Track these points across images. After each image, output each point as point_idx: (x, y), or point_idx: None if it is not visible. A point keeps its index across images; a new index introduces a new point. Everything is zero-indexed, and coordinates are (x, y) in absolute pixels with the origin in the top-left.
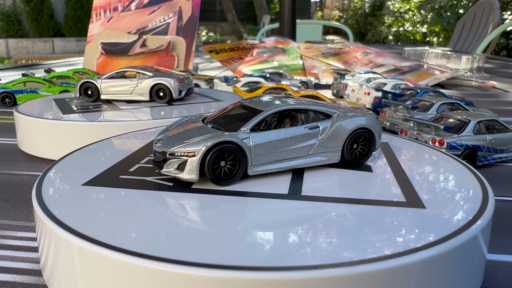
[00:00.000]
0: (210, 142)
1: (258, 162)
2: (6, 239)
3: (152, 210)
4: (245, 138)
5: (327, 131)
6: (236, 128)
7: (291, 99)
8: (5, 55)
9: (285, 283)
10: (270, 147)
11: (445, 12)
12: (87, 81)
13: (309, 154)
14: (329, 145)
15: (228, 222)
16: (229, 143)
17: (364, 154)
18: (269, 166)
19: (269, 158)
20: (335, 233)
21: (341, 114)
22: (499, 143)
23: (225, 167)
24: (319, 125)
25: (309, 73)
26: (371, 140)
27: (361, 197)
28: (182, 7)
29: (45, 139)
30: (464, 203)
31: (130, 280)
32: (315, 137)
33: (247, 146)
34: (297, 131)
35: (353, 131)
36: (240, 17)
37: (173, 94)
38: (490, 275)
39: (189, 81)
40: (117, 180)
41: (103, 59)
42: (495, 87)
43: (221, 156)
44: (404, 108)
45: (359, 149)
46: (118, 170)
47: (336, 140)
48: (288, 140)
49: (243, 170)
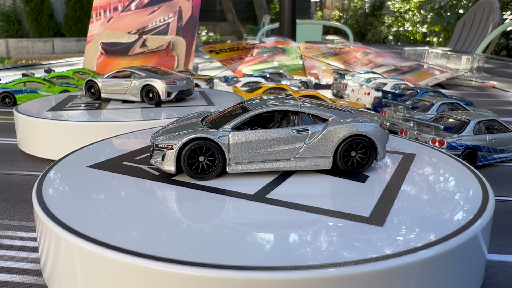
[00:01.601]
0: (186, 137)
1: (237, 160)
2: (6, 239)
3: (153, 210)
4: (223, 136)
5: (316, 135)
6: (219, 126)
7: (291, 101)
8: (5, 55)
9: (285, 283)
10: (251, 146)
11: (445, 12)
12: (91, 79)
13: (294, 158)
14: (318, 150)
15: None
16: (205, 139)
17: (363, 163)
18: (248, 166)
19: (249, 157)
20: (252, 238)
21: (336, 119)
22: (499, 143)
23: (203, 162)
24: (308, 128)
25: (309, 73)
26: (370, 149)
27: (322, 206)
28: (182, 7)
29: (45, 139)
30: (464, 203)
31: (130, 280)
32: (302, 140)
33: (224, 143)
34: (282, 133)
35: (347, 138)
36: (240, 17)
37: (161, 96)
38: (490, 275)
39: (188, 82)
40: (120, 166)
41: (103, 59)
42: (495, 87)
43: (198, 151)
44: (404, 108)
45: (357, 158)
46: (121, 159)
47: (326, 146)
48: (270, 141)
49: (220, 167)
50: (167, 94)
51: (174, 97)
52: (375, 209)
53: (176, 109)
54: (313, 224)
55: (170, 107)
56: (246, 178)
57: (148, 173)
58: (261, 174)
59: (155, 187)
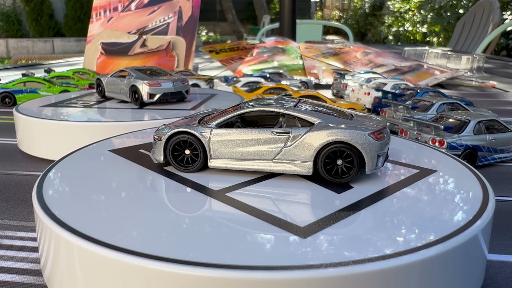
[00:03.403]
0: (172, 130)
1: (218, 156)
2: (6, 239)
3: (153, 210)
4: (205, 131)
5: (297, 139)
6: (207, 123)
7: (288, 102)
8: (5, 55)
9: (285, 283)
10: (230, 144)
11: (445, 12)
12: (99, 78)
13: (273, 160)
14: (298, 155)
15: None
16: (188, 134)
17: (349, 174)
18: (228, 162)
19: (228, 154)
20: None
21: (322, 123)
22: (499, 143)
23: (189, 155)
24: (290, 131)
25: (309, 73)
26: (355, 158)
27: (266, 211)
28: (182, 7)
29: (45, 139)
30: (465, 203)
31: (130, 279)
32: (281, 143)
33: (205, 139)
34: (262, 133)
35: (329, 144)
36: (240, 17)
37: (143, 97)
38: (490, 275)
39: (176, 85)
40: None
41: (103, 59)
42: (495, 87)
43: (183, 145)
44: (404, 108)
45: (343, 167)
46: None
47: (306, 151)
48: (249, 141)
49: (202, 160)
50: (149, 95)
51: (158, 99)
52: (312, 224)
53: (144, 112)
54: (237, 226)
55: (150, 110)
56: (229, 175)
57: (149, 173)
58: (246, 173)
59: (155, 187)
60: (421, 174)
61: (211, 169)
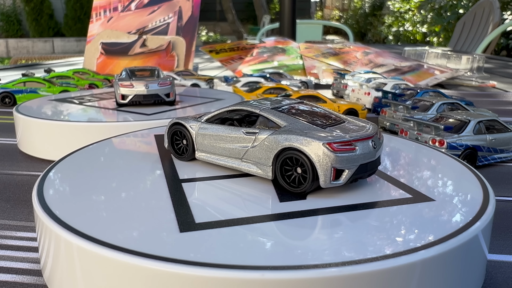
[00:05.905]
0: (173, 121)
1: (201, 149)
2: (6, 239)
3: (153, 210)
4: (193, 124)
5: (261, 141)
6: (199, 118)
7: (286, 102)
8: (5, 55)
9: (285, 283)
10: (209, 138)
11: (445, 12)
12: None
13: (241, 159)
14: (260, 157)
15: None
16: (182, 126)
17: (305, 184)
18: (209, 156)
19: (208, 148)
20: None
21: (287, 127)
22: (499, 143)
23: (185, 145)
24: (257, 132)
25: (309, 73)
26: (308, 168)
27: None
28: (182, 7)
29: (45, 140)
30: (465, 203)
31: (130, 279)
32: (248, 143)
33: (193, 131)
34: (234, 132)
35: (284, 150)
36: (240, 17)
37: (117, 98)
38: (490, 275)
39: (149, 88)
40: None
41: (103, 59)
42: (495, 87)
43: (180, 135)
44: (404, 108)
45: (300, 177)
46: None
47: (266, 154)
48: (223, 138)
49: (191, 151)
50: (121, 97)
51: (129, 101)
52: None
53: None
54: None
55: (126, 112)
56: (215, 168)
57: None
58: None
59: (155, 187)
60: (415, 199)
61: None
